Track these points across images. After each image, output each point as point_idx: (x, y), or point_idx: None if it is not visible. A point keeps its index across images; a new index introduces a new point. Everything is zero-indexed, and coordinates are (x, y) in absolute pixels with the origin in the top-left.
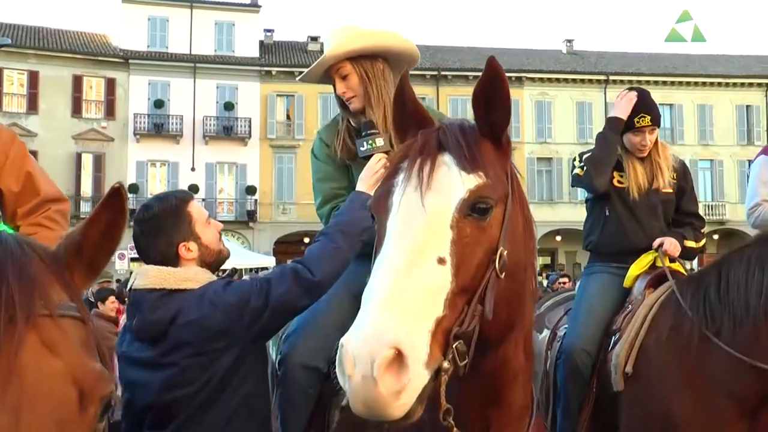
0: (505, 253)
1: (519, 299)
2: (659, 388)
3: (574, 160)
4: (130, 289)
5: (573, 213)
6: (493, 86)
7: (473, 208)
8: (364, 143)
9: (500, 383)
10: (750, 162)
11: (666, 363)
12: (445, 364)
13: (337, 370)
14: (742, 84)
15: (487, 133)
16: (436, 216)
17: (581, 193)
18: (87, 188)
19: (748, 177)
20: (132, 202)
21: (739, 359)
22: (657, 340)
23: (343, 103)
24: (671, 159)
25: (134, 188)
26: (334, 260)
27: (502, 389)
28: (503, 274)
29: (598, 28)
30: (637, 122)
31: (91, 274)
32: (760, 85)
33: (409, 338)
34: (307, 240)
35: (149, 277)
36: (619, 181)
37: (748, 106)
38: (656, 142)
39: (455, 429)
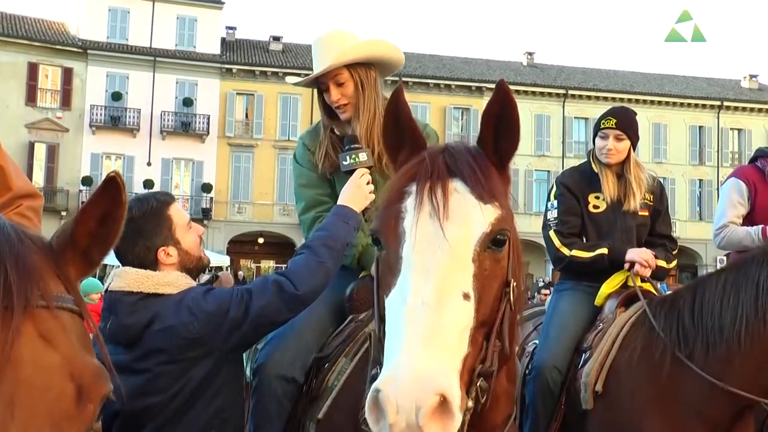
0: (514, 284)
1: (514, 330)
2: (629, 407)
3: (549, 227)
4: (107, 290)
5: (527, 223)
6: (504, 110)
7: (493, 241)
8: (347, 157)
9: (483, 410)
10: (701, 182)
11: (637, 383)
12: (469, 403)
13: (367, 415)
14: (696, 105)
15: (493, 158)
16: (459, 248)
17: (536, 204)
18: (39, 179)
19: (699, 196)
20: (85, 195)
21: (711, 383)
22: (628, 360)
23: (329, 111)
24: (646, 180)
25: (88, 181)
26: (318, 275)
27: (484, 415)
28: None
29: (558, 43)
30: (604, 123)
31: (88, 266)
32: (712, 106)
33: (450, 383)
34: (261, 240)
35: (127, 279)
36: (594, 206)
37: (700, 127)
38: (630, 158)
39: None
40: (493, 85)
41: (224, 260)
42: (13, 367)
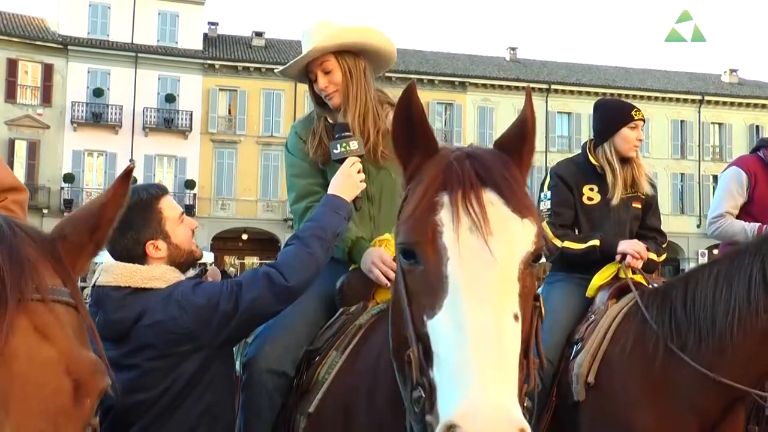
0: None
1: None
2: (621, 399)
3: (543, 217)
4: (94, 285)
5: None
6: (529, 117)
7: (534, 258)
8: (338, 146)
9: None
10: (683, 175)
11: (629, 374)
12: None
13: None
14: (677, 99)
15: (518, 165)
16: (507, 268)
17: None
18: (19, 176)
19: (680, 189)
20: (67, 192)
21: (703, 374)
22: (620, 352)
23: (320, 101)
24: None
25: (69, 178)
26: (309, 266)
27: None
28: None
29: (541, 38)
30: (635, 114)
31: (87, 257)
32: (693, 101)
33: (523, 417)
34: (245, 237)
35: (115, 274)
36: (589, 198)
37: (682, 121)
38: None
39: None
40: (476, 81)
41: (208, 257)
42: (7, 362)
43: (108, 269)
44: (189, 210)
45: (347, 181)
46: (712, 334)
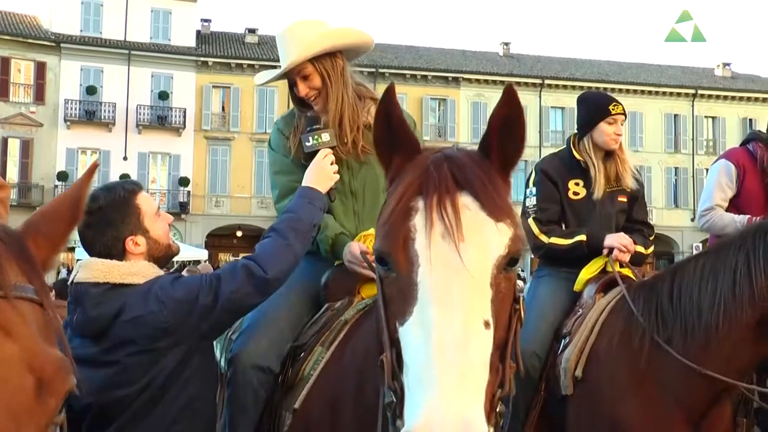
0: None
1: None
2: (608, 392)
3: (528, 214)
4: (72, 282)
5: None
6: (512, 116)
7: (509, 262)
8: (310, 138)
9: None
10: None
11: (616, 368)
12: (491, 430)
13: None
14: (671, 93)
15: (499, 166)
16: (478, 274)
17: (514, 194)
18: (13, 175)
19: (675, 183)
20: (60, 190)
21: (689, 367)
22: (607, 345)
23: (300, 101)
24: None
25: (63, 176)
26: (287, 258)
27: None
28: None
29: (534, 33)
30: (613, 109)
31: (53, 251)
32: (687, 95)
33: (484, 426)
34: (239, 234)
35: (93, 270)
36: (574, 192)
37: (676, 115)
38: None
39: None
40: (470, 76)
41: (202, 254)
42: None
43: (86, 266)
44: (183, 207)
45: (320, 173)
46: (697, 326)
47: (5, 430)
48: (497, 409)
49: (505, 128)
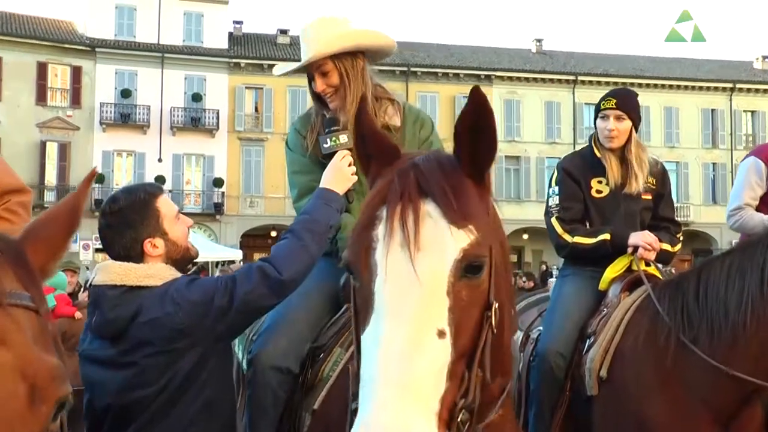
0: (497, 305)
1: (503, 341)
2: (634, 392)
3: (551, 214)
4: (91, 285)
5: (540, 211)
6: (479, 118)
7: (468, 269)
8: (327, 140)
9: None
10: (714, 165)
11: (641, 368)
12: None
13: None
14: (708, 88)
15: (470, 170)
16: (431, 283)
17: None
18: (51, 178)
19: (712, 179)
20: (97, 192)
21: (716, 367)
22: (632, 345)
23: (318, 98)
24: (648, 162)
25: (100, 178)
26: (302, 259)
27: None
28: (496, 329)
29: (567, 29)
30: (603, 104)
31: (53, 258)
32: (724, 89)
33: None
34: (274, 234)
35: (110, 272)
36: (597, 191)
37: (713, 110)
38: (632, 139)
39: None
40: (502, 73)
41: (237, 254)
42: None
43: (104, 268)
44: (218, 208)
45: (338, 174)
46: (724, 326)
47: None
48: (458, 418)
49: (474, 132)
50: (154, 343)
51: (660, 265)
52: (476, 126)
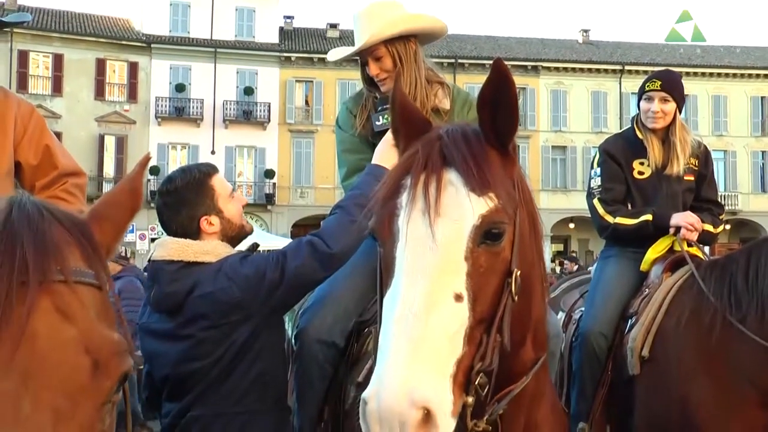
0: (519, 273)
1: (530, 310)
2: (677, 372)
3: (593, 195)
4: (150, 260)
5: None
6: (500, 90)
7: (487, 235)
8: (380, 117)
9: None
10: (763, 153)
11: (684, 347)
12: (469, 399)
13: (361, 423)
14: (758, 75)
15: (494, 140)
16: (449, 248)
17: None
18: (109, 170)
19: (762, 167)
20: (153, 184)
21: (765, 348)
22: (675, 324)
23: (371, 81)
24: (691, 143)
25: (155, 170)
26: (351, 233)
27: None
28: (517, 296)
29: (614, 18)
30: (648, 86)
31: (117, 235)
32: None
33: (436, 395)
34: None
35: (168, 248)
36: (639, 172)
37: (762, 98)
38: (676, 121)
39: None
40: (549, 64)
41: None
42: (28, 340)
43: (162, 244)
44: (269, 199)
45: (389, 151)
46: None
47: (63, 409)
48: (476, 381)
49: (496, 103)
50: (209, 316)
51: (702, 246)
52: (497, 97)
